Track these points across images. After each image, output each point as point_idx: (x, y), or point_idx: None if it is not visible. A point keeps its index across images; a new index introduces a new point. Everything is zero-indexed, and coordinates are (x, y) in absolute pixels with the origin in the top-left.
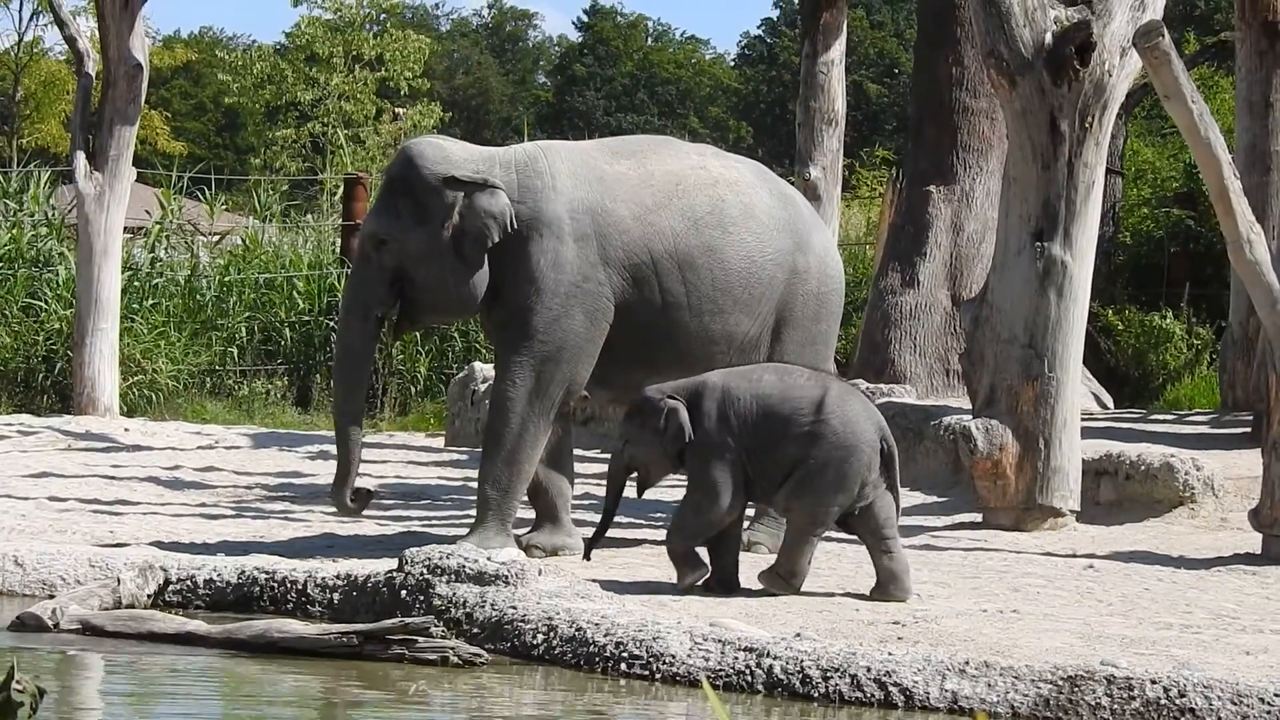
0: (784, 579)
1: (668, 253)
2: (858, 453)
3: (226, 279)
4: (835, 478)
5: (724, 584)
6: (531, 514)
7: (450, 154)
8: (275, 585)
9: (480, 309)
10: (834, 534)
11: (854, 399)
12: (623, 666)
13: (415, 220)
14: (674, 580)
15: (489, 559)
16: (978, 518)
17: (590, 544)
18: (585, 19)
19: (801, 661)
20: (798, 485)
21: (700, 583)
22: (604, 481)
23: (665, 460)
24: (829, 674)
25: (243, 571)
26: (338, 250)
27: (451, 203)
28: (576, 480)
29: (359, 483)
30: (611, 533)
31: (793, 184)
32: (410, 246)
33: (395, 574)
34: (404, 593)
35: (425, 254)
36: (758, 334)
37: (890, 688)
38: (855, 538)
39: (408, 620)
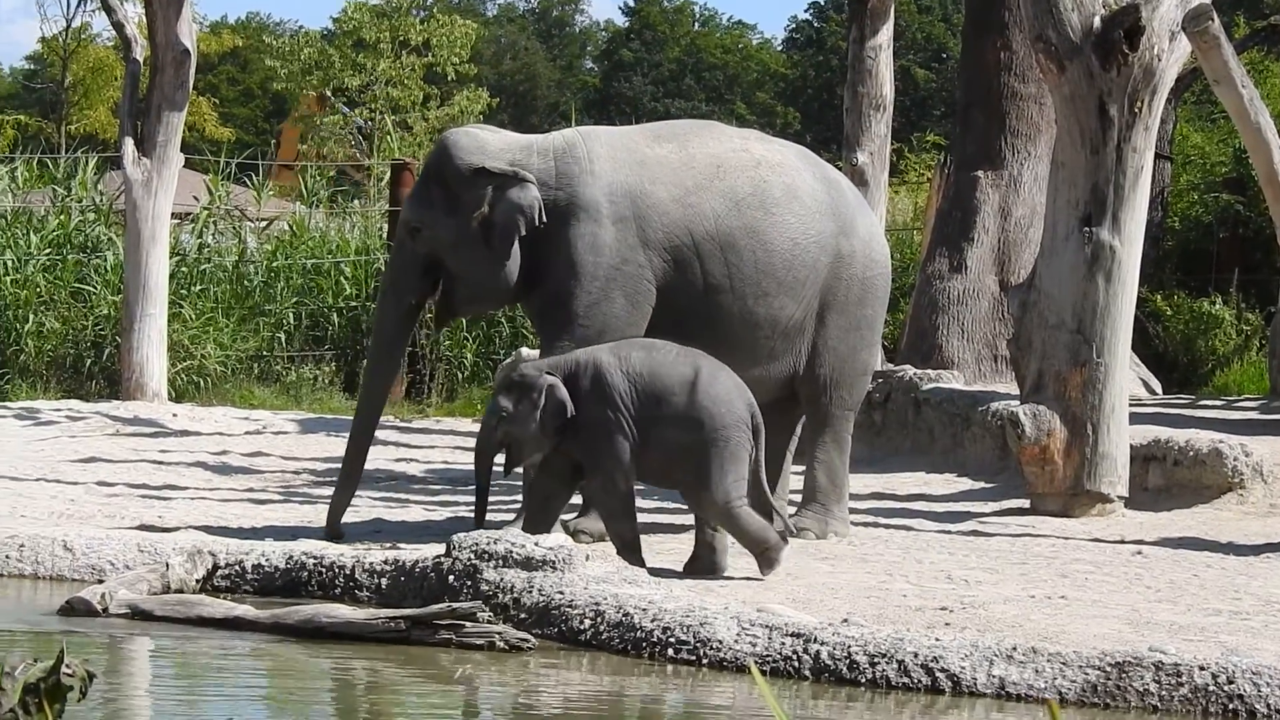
0: (762, 558)
1: (709, 234)
2: (736, 429)
3: (274, 264)
4: (723, 456)
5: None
6: (579, 499)
7: (485, 144)
8: (323, 570)
9: (522, 295)
10: (884, 520)
11: (722, 375)
12: (669, 652)
13: (447, 209)
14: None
15: (536, 544)
16: (1025, 503)
17: (479, 523)
18: (632, 4)
19: (848, 647)
20: (697, 479)
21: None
22: None
23: (540, 438)
24: (876, 659)
25: (291, 556)
26: (385, 236)
27: (482, 194)
28: None
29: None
30: (660, 519)
31: (840, 169)
32: (442, 235)
33: (443, 559)
34: (451, 578)
35: (455, 243)
36: (801, 318)
37: (937, 673)
38: (896, 523)
39: (455, 605)
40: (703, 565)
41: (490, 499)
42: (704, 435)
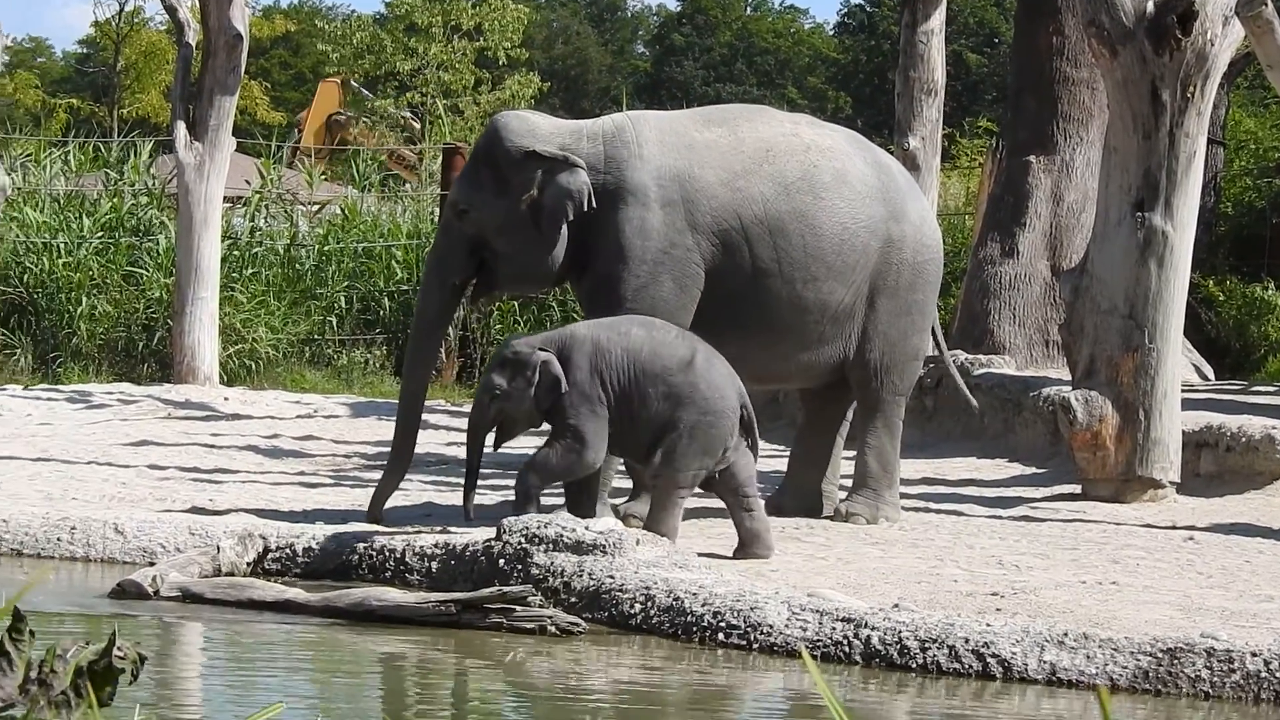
0: None
1: (758, 218)
2: (724, 417)
3: (325, 248)
4: (703, 443)
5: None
6: (629, 484)
7: (536, 128)
8: (374, 554)
9: (571, 278)
10: (934, 505)
11: (718, 362)
12: (720, 636)
13: (496, 192)
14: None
15: (587, 528)
16: (1077, 489)
17: (467, 501)
18: None
19: (899, 632)
20: (666, 452)
21: None
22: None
23: (535, 414)
24: (927, 645)
25: (341, 539)
26: (436, 220)
27: (531, 177)
28: None
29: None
30: (710, 504)
31: (892, 154)
32: (489, 217)
33: (493, 543)
34: (502, 562)
35: (503, 225)
36: (851, 303)
37: (988, 659)
38: (947, 508)
39: (506, 589)
40: (751, 550)
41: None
42: (692, 418)
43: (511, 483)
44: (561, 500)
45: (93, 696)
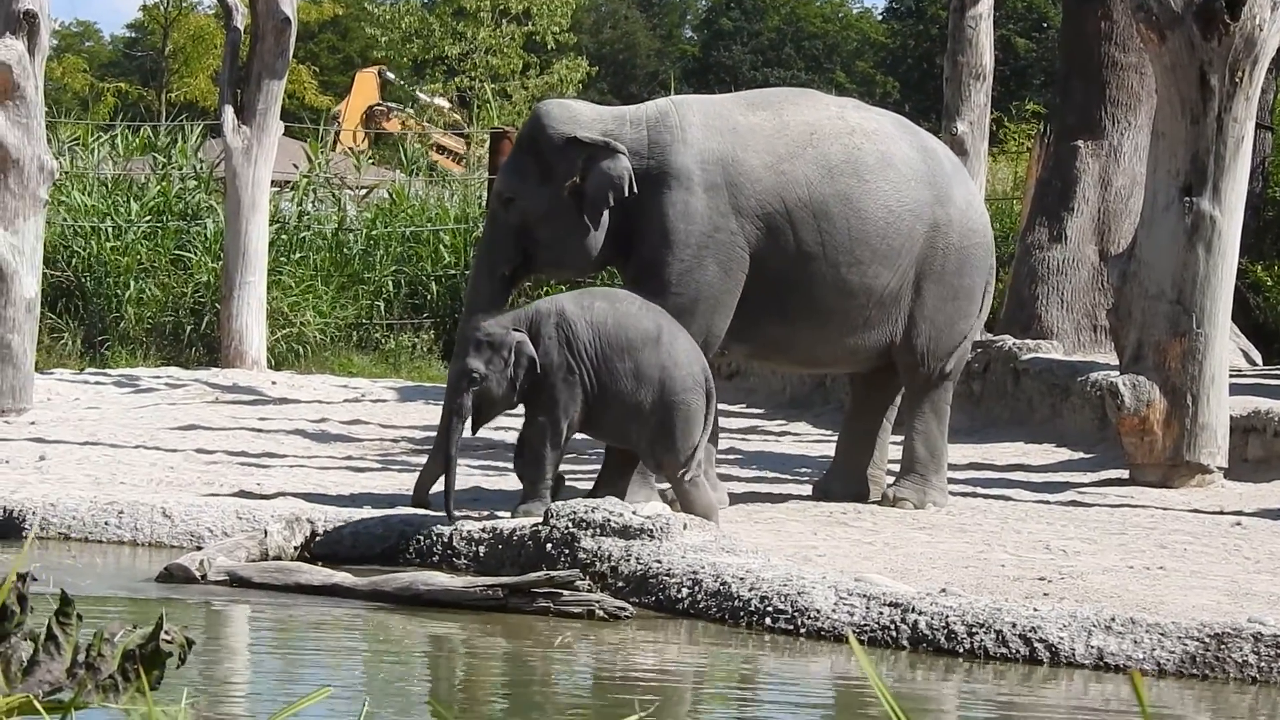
0: None
1: (801, 202)
2: (695, 393)
3: (373, 233)
4: (684, 421)
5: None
6: None
7: (578, 115)
8: (421, 538)
9: (617, 262)
10: (982, 490)
11: (682, 335)
12: (767, 621)
13: (539, 179)
14: (815, 533)
15: (634, 513)
16: (1124, 474)
17: (450, 499)
18: None
19: (946, 617)
20: (659, 441)
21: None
22: (748, 436)
23: (510, 396)
24: (974, 630)
25: (389, 524)
26: (484, 204)
27: (574, 164)
28: (721, 435)
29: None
30: (758, 488)
31: (939, 139)
32: (533, 205)
33: (541, 527)
34: (549, 546)
35: (546, 213)
36: (897, 287)
37: (1035, 644)
38: (994, 493)
39: (553, 574)
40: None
41: (584, 469)
42: (664, 396)
43: (562, 468)
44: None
45: (145, 680)
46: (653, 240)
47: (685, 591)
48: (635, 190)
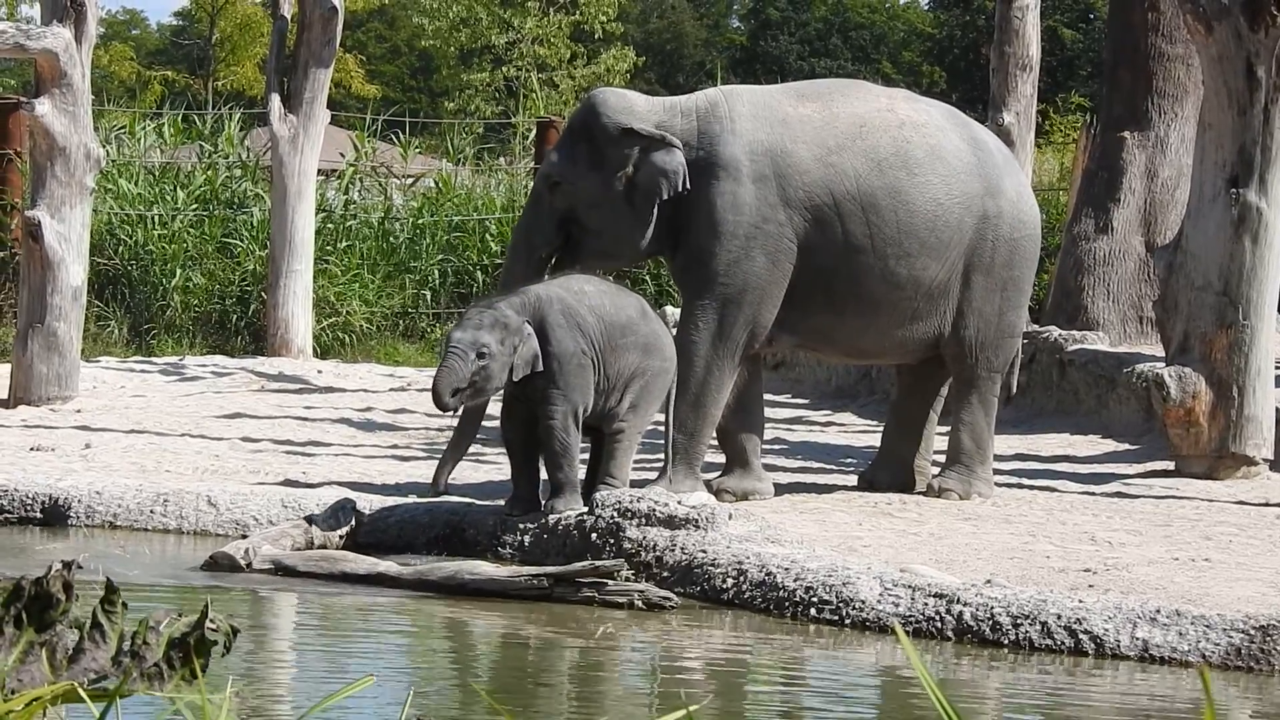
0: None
1: (850, 194)
2: (673, 364)
3: (419, 222)
4: (660, 389)
5: (522, 501)
6: (722, 458)
7: (634, 106)
8: (467, 528)
9: (665, 253)
10: (1027, 481)
11: (652, 312)
12: (812, 611)
13: (590, 166)
14: (860, 523)
15: (679, 503)
16: (1170, 466)
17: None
18: None
19: (992, 608)
20: (634, 404)
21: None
22: (793, 426)
23: (500, 384)
24: (1019, 621)
25: (434, 513)
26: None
27: (628, 154)
28: (767, 425)
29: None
30: (803, 478)
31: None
32: (582, 192)
33: (586, 517)
34: (594, 536)
35: (596, 201)
36: (946, 279)
37: (1080, 635)
38: (1040, 484)
39: (598, 563)
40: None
41: (633, 458)
42: (656, 364)
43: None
44: (653, 475)
45: (195, 666)
46: (701, 231)
47: (730, 582)
48: (689, 186)
